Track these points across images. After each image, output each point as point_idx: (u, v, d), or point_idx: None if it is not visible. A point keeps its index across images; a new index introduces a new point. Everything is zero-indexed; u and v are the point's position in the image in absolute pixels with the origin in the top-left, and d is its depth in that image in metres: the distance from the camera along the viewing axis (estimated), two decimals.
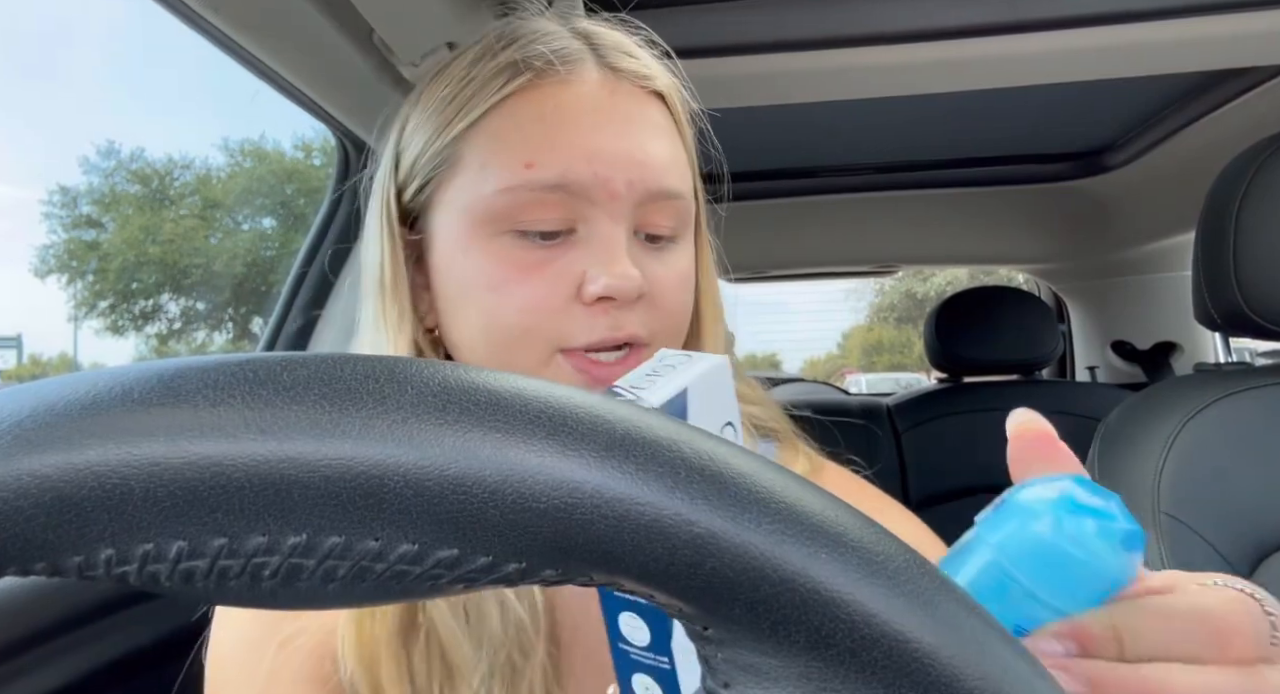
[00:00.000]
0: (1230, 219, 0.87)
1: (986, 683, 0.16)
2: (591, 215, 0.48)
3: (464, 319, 0.50)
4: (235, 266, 21.84)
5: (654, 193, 0.49)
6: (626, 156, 0.49)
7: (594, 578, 0.17)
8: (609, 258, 0.48)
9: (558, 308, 0.47)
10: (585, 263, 0.48)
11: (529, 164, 0.48)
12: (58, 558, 0.15)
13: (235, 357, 0.16)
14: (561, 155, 0.48)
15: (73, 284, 22.02)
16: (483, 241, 0.49)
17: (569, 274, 0.48)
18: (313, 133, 17.78)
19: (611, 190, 0.48)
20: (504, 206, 0.48)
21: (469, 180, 0.49)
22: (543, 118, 0.49)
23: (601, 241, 0.48)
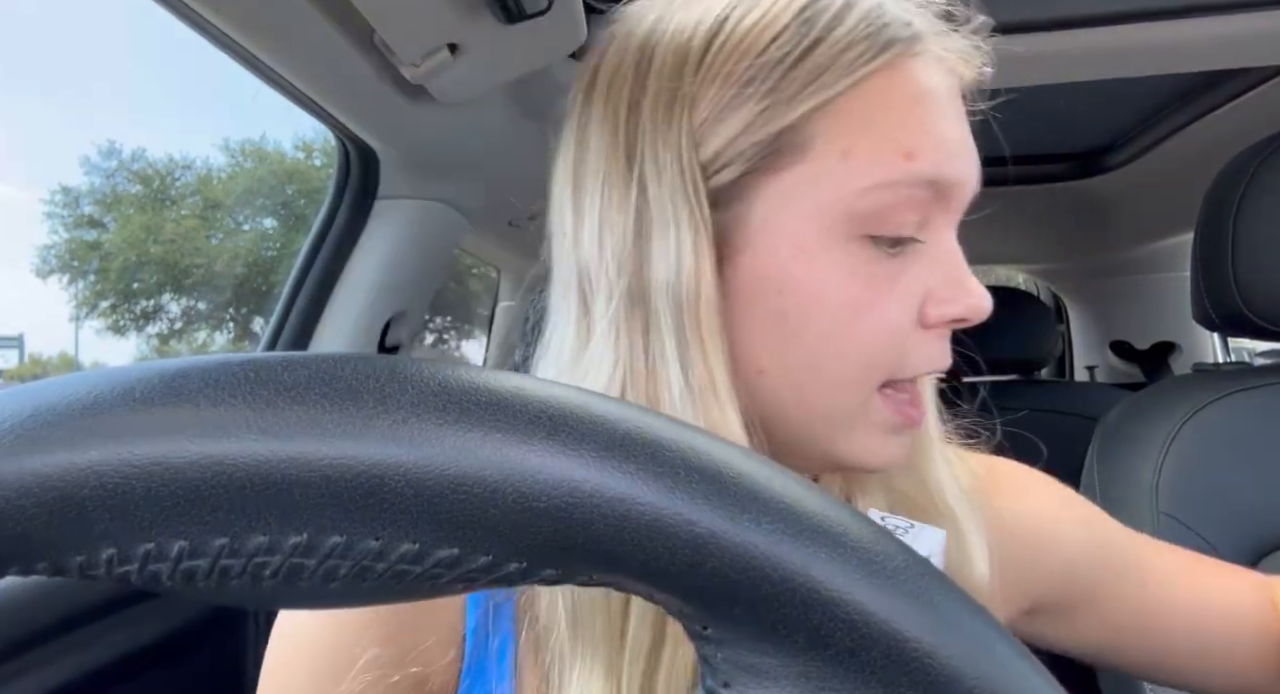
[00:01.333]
0: (1229, 219, 0.87)
1: (985, 682, 0.16)
2: (937, 220, 0.42)
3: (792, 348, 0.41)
4: (236, 267, 21.86)
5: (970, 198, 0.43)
6: (970, 147, 0.43)
7: (594, 577, 0.17)
8: (959, 274, 0.41)
9: (904, 332, 0.41)
10: (928, 279, 0.41)
11: (909, 155, 0.40)
12: (60, 557, 0.15)
13: (236, 356, 0.16)
14: (941, 148, 0.41)
15: (74, 284, 22.03)
16: (831, 248, 0.40)
17: (915, 292, 0.41)
18: (313, 133, 17.77)
19: (966, 192, 0.42)
20: (874, 206, 0.40)
21: (823, 171, 0.40)
22: (914, 102, 0.41)
23: (946, 254, 0.42)
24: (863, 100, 0.41)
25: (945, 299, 0.41)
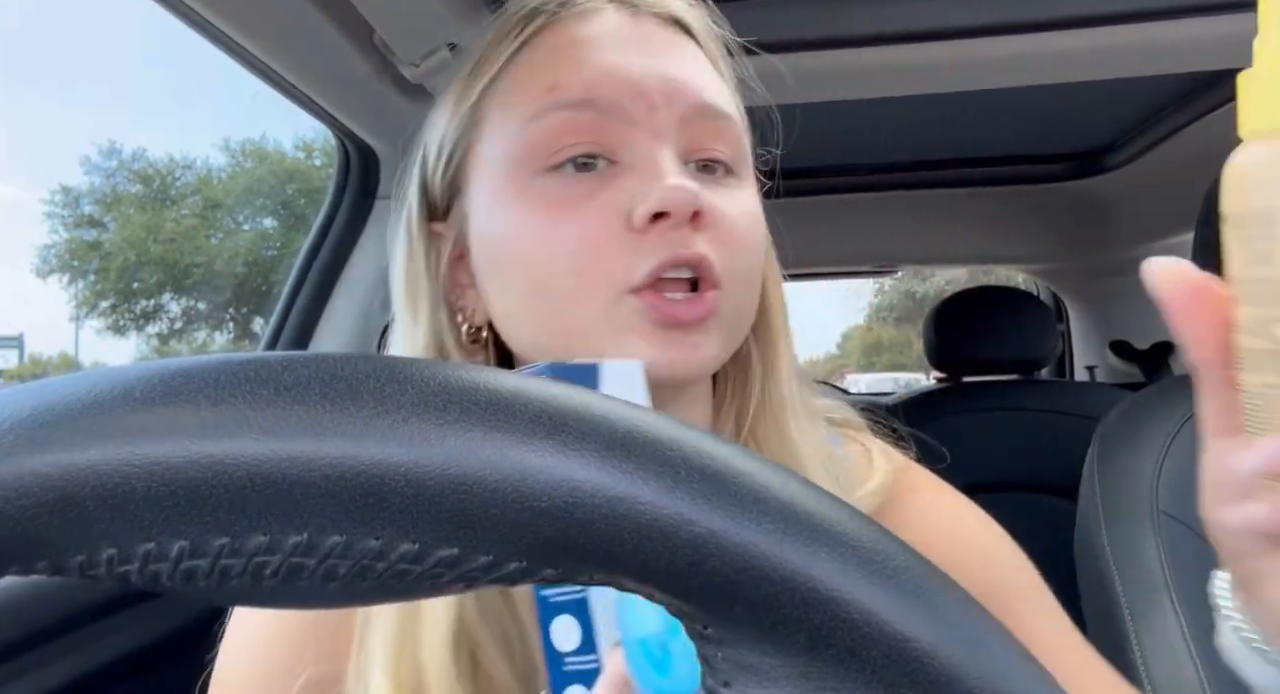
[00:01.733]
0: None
1: (986, 682, 0.16)
2: (631, 137, 0.45)
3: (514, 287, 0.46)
4: (236, 266, 21.86)
5: (697, 108, 0.46)
6: (657, 72, 0.46)
7: (595, 577, 0.17)
8: (655, 173, 0.43)
9: (611, 241, 0.43)
10: (631, 187, 0.44)
11: (551, 87, 0.45)
12: (60, 557, 0.15)
13: (236, 356, 0.16)
14: (586, 74, 0.45)
15: (74, 284, 22.04)
16: (519, 189, 0.45)
17: (616, 204, 0.43)
18: (313, 133, 17.80)
19: (648, 103, 0.45)
20: (533, 139, 0.45)
21: (495, 132, 0.47)
22: (561, 48, 0.47)
23: (646, 161, 0.44)
24: (517, 70, 0.47)
25: (641, 198, 0.43)
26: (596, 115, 0.44)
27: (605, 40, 0.46)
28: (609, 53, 0.46)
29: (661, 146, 0.45)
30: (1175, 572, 0.79)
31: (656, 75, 0.45)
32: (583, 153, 0.44)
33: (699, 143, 0.46)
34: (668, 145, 0.45)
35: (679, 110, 0.45)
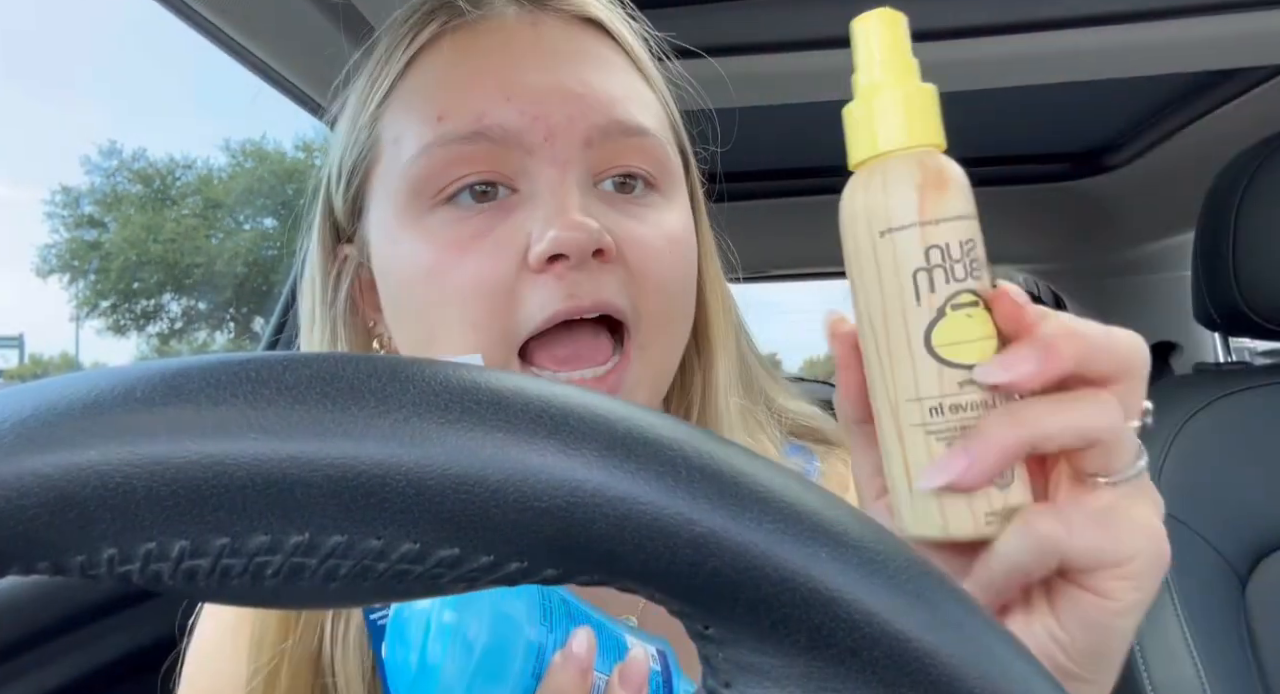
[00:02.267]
0: (1230, 219, 0.87)
1: (986, 682, 0.16)
2: (530, 167, 0.41)
3: (407, 326, 0.43)
4: (236, 266, 21.87)
5: (604, 127, 0.41)
6: (559, 89, 0.41)
7: (595, 577, 0.17)
8: (555, 209, 0.39)
9: (504, 284, 0.39)
10: (529, 223, 0.40)
11: (440, 116, 0.41)
12: (61, 557, 0.15)
13: (237, 356, 0.16)
14: (476, 99, 0.40)
15: (74, 283, 22.06)
16: (412, 224, 0.41)
17: (512, 240, 0.40)
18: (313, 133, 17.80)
19: (547, 128, 0.40)
20: (423, 173, 0.41)
21: (388, 160, 0.43)
22: (453, 65, 0.42)
23: (545, 192, 0.40)
24: (408, 85, 0.44)
25: (536, 236, 0.39)
26: (490, 145, 0.40)
27: (498, 54, 0.42)
28: (501, 71, 0.41)
29: (565, 174, 0.41)
30: (1176, 572, 0.79)
31: (557, 95, 0.41)
32: (478, 181, 0.41)
33: (611, 161, 0.42)
34: (571, 172, 0.41)
35: (582, 133, 0.41)
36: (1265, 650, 0.78)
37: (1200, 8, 0.88)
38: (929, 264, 0.26)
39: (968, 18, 0.92)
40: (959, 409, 0.26)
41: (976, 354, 0.26)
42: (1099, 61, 0.99)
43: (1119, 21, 0.91)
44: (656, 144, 0.44)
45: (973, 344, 0.26)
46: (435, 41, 0.43)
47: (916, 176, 0.26)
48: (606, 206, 0.41)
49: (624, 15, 0.48)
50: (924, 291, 0.26)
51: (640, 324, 0.41)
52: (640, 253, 0.41)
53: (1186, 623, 0.77)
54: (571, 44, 0.44)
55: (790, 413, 0.54)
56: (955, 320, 0.26)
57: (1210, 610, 0.78)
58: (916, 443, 0.27)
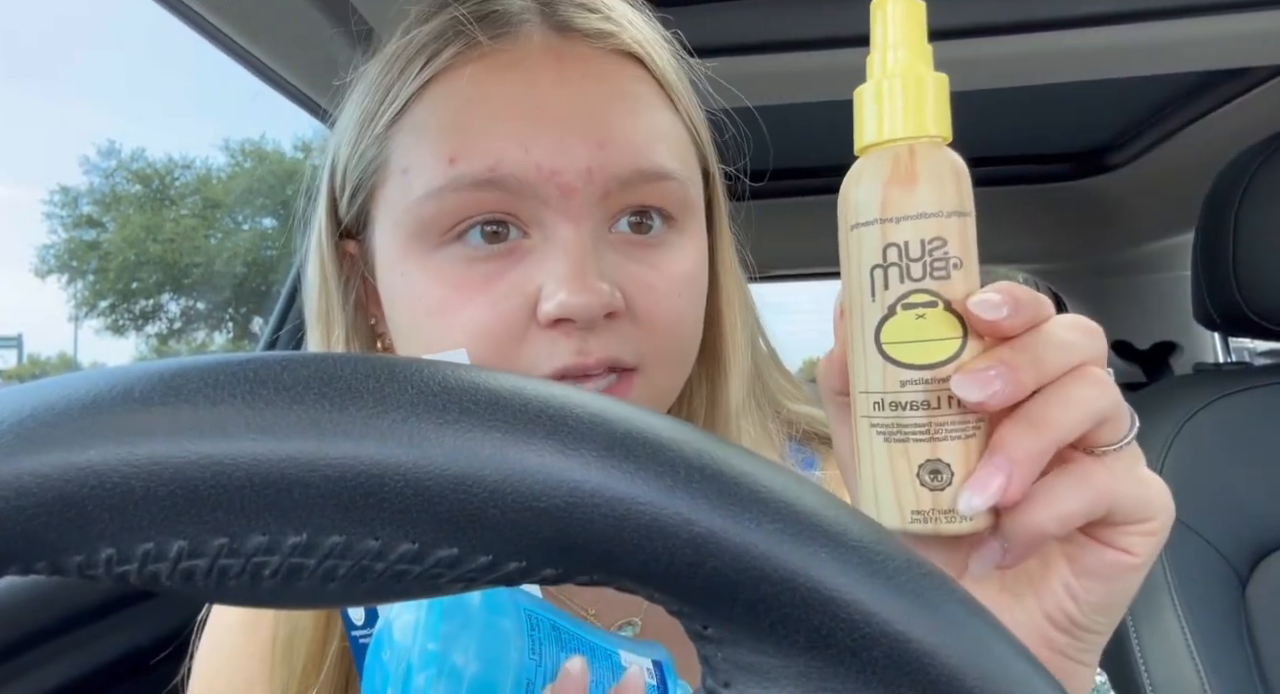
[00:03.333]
0: (1230, 219, 0.87)
1: (987, 682, 0.16)
2: (544, 217, 0.40)
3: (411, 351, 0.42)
4: (235, 266, 21.87)
5: (626, 178, 0.40)
6: (581, 136, 0.39)
7: (595, 577, 0.17)
8: (567, 270, 0.38)
9: (512, 333, 0.39)
10: (541, 275, 0.39)
11: (452, 159, 0.39)
12: (59, 557, 0.15)
13: (235, 356, 0.16)
14: (491, 145, 0.39)
15: (73, 284, 22.06)
16: (419, 259, 0.41)
17: (522, 290, 0.39)
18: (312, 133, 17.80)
19: (563, 184, 0.39)
20: (431, 215, 0.40)
21: (395, 189, 0.42)
22: (471, 100, 0.40)
23: (558, 249, 0.39)
24: (422, 110, 0.41)
25: (546, 296, 0.39)
26: (505, 196, 0.39)
27: (519, 94, 0.40)
28: (521, 114, 0.39)
29: (580, 230, 0.39)
30: (1176, 572, 0.79)
31: (577, 146, 0.39)
32: (489, 221, 0.40)
33: (628, 201, 0.41)
34: (586, 225, 0.40)
35: (601, 186, 0.40)
36: (1265, 650, 0.78)
37: (1200, 8, 0.88)
38: (885, 261, 0.26)
39: (968, 18, 0.92)
40: (898, 407, 0.26)
41: (924, 355, 0.26)
42: (1099, 61, 0.99)
43: (1119, 21, 0.91)
44: (678, 187, 0.42)
45: (922, 345, 0.26)
46: (453, 68, 0.41)
47: (886, 172, 0.26)
48: (619, 255, 0.41)
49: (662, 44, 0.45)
50: (879, 288, 0.26)
51: (646, 366, 0.41)
52: (649, 301, 0.41)
53: (1187, 623, 0.77)
54: (597, 82, 0.41)
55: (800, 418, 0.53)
56: (904, 320, 0.26)
57: (1210, 610, 0.78)
58: (863, 433, 0.28)
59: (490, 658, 0.31)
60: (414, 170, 0.40)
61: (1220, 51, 0.96)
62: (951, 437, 0.26)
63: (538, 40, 0.41)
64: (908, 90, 0.27)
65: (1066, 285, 2.24)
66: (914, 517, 0.26)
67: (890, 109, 0.27)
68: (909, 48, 0.27)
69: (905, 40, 0.27)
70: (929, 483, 0.26)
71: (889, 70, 0.27)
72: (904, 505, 0.27)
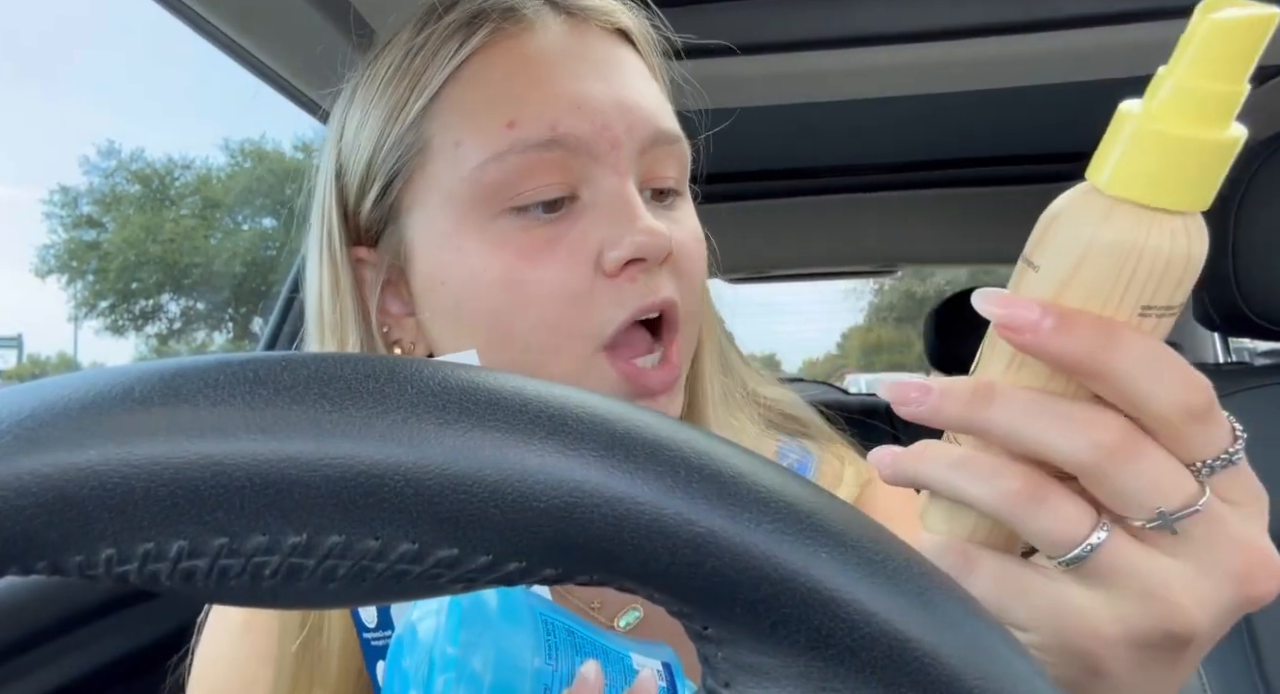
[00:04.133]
0: (1230, 218, 0.87)
1: (987, 682, 0.16)
2: (595, 174, 0.42)
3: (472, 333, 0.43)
4: (235, 266, 21.87)
5: (655, 136, 0.44)
6: (616, 101, 0.43)
7: (595, 577, 0.17)
8: (626, 214, 0.41)
9: (582, 291, 0.41)
10: (599, 229, 0.42)
11: (511, 124, 0.41)
12: (59, 557, 0.15)
13: (235, 356, 0.16)
14: (548, 108, 0.42)
15: (73, 284, 22.05)
16: (476, 231, 0.42)
17: (585, 247, 0.42)
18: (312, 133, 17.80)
19: (612, 138, 0.42)
20: (494, 180, 0.41)
21: (445, 164, 0.43)
22: (514, 73, 0.43)
23: (613, 200, 0.42)
24: (463, 88, 0.43)
25: (613, 242, 0.41)
26: (564, 154, 0.42)
27: (559, 63, 0.43)
28: (567, 80, 0.43)
29: (626, 181, 0.43)
30: None
31: (616, 105, 0.43)
32: (551, 196, 0.42)
33: (654, 170, 0.45)
34: (631, 179, 0.43)
35: (639, 142, 0.43)
36: (1266, 650, 0.78)
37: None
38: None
39: (968, 18, 0.92)
40: None
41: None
42: (1099, 61, 0.99)
43: (1119, 21, 0.91)
44: (685, 150, 0.47)
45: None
46: (487, 48, 0.44)
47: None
48: (653, 211, 0.44)
49: (645, 25, 0.49)
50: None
51: (685, 320, 0.44)
52: (684, 254, 0.44)
53: None
54: (612, 54, 0.46)
55: (769, 399, 0.55)
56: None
57: None
58: None
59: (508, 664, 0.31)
60: (468, 141, 0.42)
61: None
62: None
63: (557, 21, 0.45)
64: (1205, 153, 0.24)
65: None
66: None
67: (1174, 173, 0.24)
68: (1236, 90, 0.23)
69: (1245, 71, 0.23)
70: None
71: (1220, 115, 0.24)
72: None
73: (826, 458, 0.53)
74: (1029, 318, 0.23)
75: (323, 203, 0.47)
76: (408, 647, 0.32)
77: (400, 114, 0.44)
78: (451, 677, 0.30)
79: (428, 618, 0.32)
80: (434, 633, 0.31)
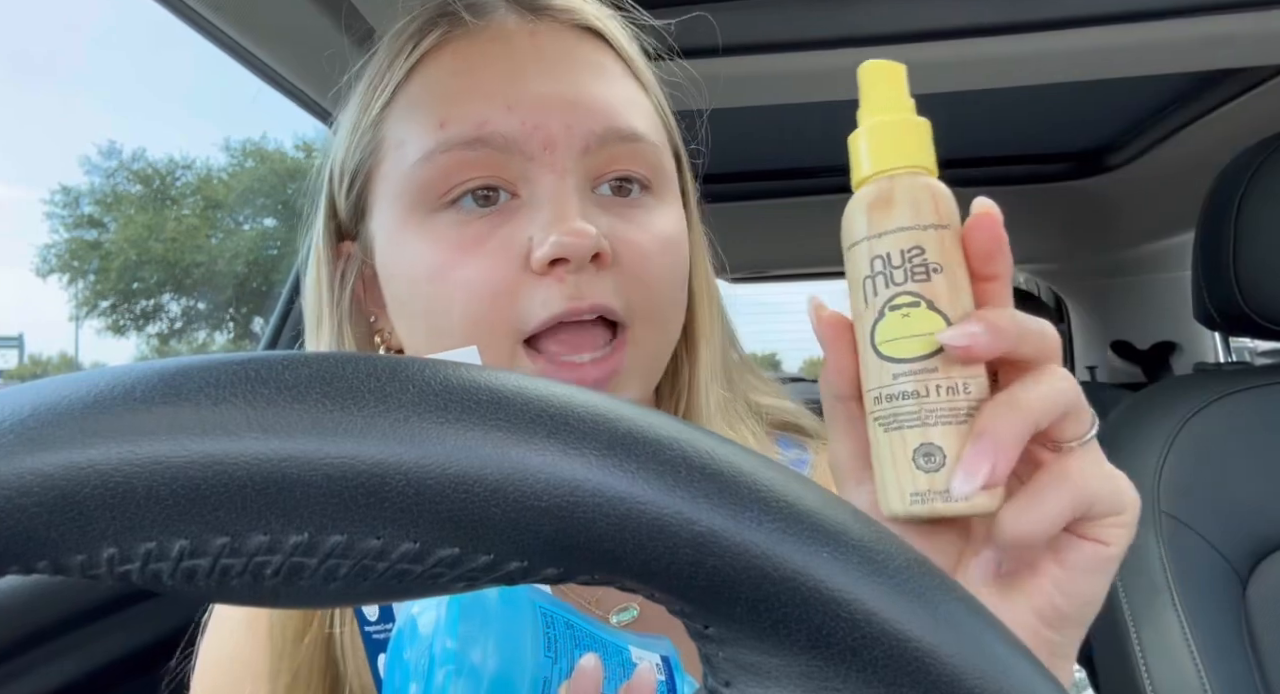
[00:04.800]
0: (1230, 219, 0.87)
1: (987, 682, 0.16)
2: (531, 173, 0.42)
3: (414, 326, 0.45)
4: (236, 266, 21.86)
5: (602, 135, 0.43)
6: (557, 99, 0.43)
7: (596, 576, 0.17)
8: (556, 214, 0.41)
9: (507, 285, 0.41)
10: (531, 227, 0.42)
11: (442, 123, 0.42)
12: (60, 556, 0.15)
13: (237, 356, 0.16)
14: (477, 107, 0.42)
15: (74, 283, 22.05)
16: (416, 227, 0.43)
17: (514, 243, 0.42)
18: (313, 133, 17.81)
19: (545, 137, 0.42)
20: (425, 178, 0.42)
21: (392, 163, 0.44)
22: (456, 73, 0.44)
23: (546, 198, 0.42)
24: (412, 90, 0.45)
25: (539, 241, 0.41)
26: (492, 152, 0.42)
27: (499, 63, 0.44)
28: (503, 79, 0.43)
29: (564, 182, 0.42)
30: (1177, 573, 0.79)
31: (556, 104, 0.43)
32: (480, 186, 0.43)
33: (608, 165, 0.44)
34: (569, 178, 0.43)
35: (581, 140, 0.43)
36: (1266, 650, 0.78)
37: (1200, 8, 0.88)
38: (873, 271, 0.30)
39: (968, 18, 0.92)
40: (892, 399, 0.29)
41: (910, 349, 0.29)
42: (1099, 61, 0.99)
43: (1119, 21, 0.91)
44: (651, 149, 0.46)
45: (908, 340, 0.29)
46: (438, 49, 0.45)
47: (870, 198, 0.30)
48: (603, 212, 0.43)
49: (620, 22, 0.49)
50: (869, 295, 0.30)
51: (634, 322, 0.43)
52: (634, 256, 0.43)
53: (1187, 623, 0.77)
54: (569, 53, 0.45)
55: (769, 408, 0.55)
56: (892, 320, 0.29)
57: (1211, 611, 0.78)
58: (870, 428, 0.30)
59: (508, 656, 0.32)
60: (409, 141, 0.44)
61: (1220, 51, 0.96)
62: (941, 422, 0.28)
63: (513, 19, 0.46)
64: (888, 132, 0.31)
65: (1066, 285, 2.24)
66: (913, 499, 0.29)
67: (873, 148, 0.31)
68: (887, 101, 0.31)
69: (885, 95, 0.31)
70: (923, 465, 0.29)
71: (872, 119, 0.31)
72: (904, 488, 0.29)
73: (822, 459, 0.54)
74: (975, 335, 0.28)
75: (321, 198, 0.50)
76: (408, 640, 0.32)
77: (364, 114, 0.47)
78: (451, 669, 0.31)
79: (428, 611, 0.32)
80: (434, 626, 0.32)
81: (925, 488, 0.28)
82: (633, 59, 0.48)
